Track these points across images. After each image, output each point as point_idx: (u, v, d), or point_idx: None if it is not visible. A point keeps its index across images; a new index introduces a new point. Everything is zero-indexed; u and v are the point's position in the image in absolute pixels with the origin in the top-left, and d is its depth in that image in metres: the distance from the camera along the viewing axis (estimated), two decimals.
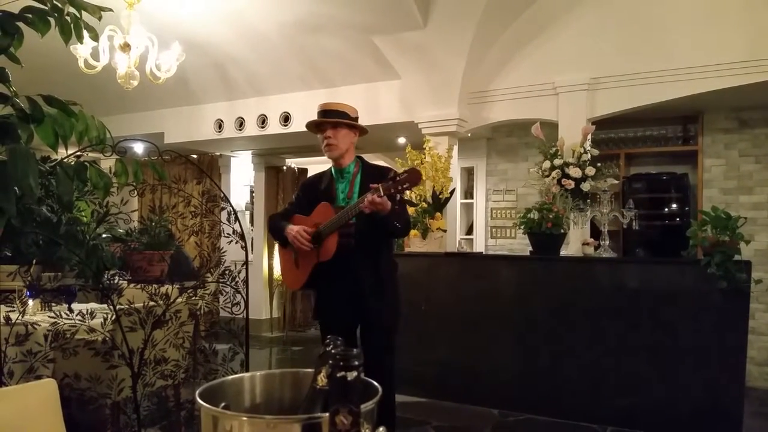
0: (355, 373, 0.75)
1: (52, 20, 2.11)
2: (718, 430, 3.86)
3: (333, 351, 0.91)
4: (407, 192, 3.23)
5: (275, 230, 3.11)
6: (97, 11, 2.28)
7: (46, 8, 2.09)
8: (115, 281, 2.81)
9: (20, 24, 2.06)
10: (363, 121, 3.14)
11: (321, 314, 3.12)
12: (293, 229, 2.95)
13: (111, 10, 2.45)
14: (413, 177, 2.67)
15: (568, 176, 4.66)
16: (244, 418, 0.88)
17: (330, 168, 3.14)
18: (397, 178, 2.66)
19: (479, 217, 7.04)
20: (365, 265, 2.96)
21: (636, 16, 4.91)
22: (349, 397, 0.74)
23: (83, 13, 2.21)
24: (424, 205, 5.06)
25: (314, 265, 2.96)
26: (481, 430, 4.18)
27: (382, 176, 2.77)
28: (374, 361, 2.95)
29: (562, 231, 4.58)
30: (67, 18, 2.15)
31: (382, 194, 2.63)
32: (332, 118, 2.98)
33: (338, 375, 0.75)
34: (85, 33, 2.31)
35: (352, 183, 3.03)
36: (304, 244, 2.91)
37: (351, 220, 2.83)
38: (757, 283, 3.90)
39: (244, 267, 2.99)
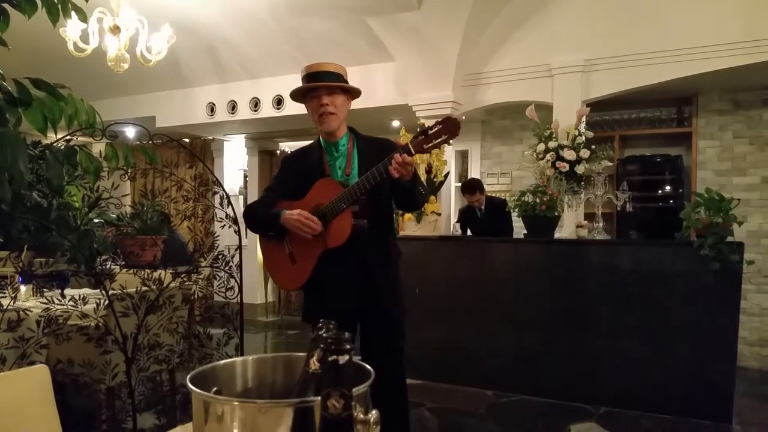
0: (346, 357, 0.74)
1: (38, 1, 2.08)
2: (710, 409, 3.90)
3: (325, 334, 0.90)
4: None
5: (261, 221, 2.53)
6: None
7: None
8: (108, 266, 2.80)
9: (6, 6, 2.02)
10: (357, 104, 2.73)
11: (319, 314, 2.65)
12: (293, 214, 2.37)
13: None
14: (450, 127, 2.17)
15: (562, 159, 4.65)
16: (236, 403, 0.87)
17: (317, 140, 2.60)
18: (430, 132, 2.18)
19: None
20: (375, 250, 2.50)
21: None
22: (341, 381, 0.74)
23: None
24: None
25: (320, 254, 2.43)
26: (476, 412, 4.21)
27: (383, 149, 2.37)
28: (383, 369, 2.66)
29: (557, 213, 4.58)
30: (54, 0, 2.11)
31: (413, 152, 2.17)
32: (327, 82, 2.44)
33: (330, 359, 0.74)
34: (74, 15, 2.27)
35: (349, 157, 2.52)
36: (311, 229, 2.35)
37: (364, 193, 2.34)
38: (749, 264, 3.92)
39: (238, 251, 2.98)
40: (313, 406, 0.83)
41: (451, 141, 2.26)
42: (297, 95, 2.52)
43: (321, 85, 2.43)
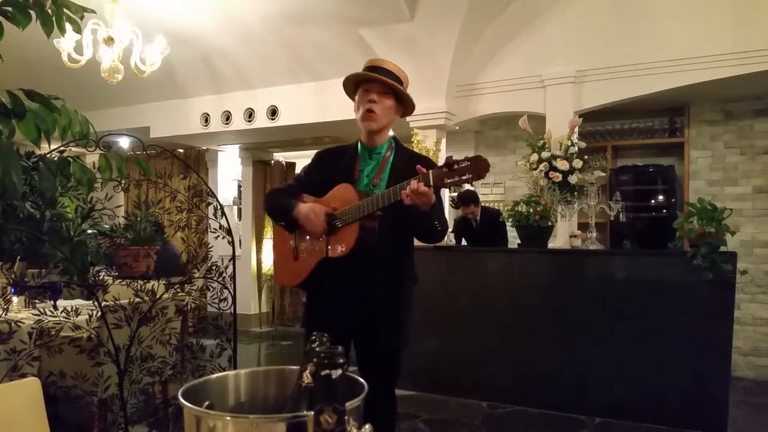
0: (339, 372, 0.75)
1: (33, 13, 2.08)
2: (705, 420, 3.90)
3: (318, 349, 0.90)
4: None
5: (279, 208, 2.43)
6: (80, 11, 2.24)
7: (27, 2, 2.05)
8: (101, 278, 2.78)
9: (0, 18, 2.02)
10: (349, 114, 2.61)
11: (315, 325, 2.42)
12: (306, 206, 2.29)
13: (94, 12, 2.40)
14: (478, 167, 1.96)
15: (555, 169, 4.67)
16: (228, 418, 0.86)
17: (356, 143, 2.49)
18: (456, 166, 1.98)
19: None
20: (385, 271, 2.36)
21: (622, 8, 4.91)
22: (334, 396, 0.74)
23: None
24: None
25: (320, 260, 2.34)
26: (471, 423, 4.20)
27: (420, 164, 2.13)
28: (374, 400, 2.45)
29: (550, 223, 4.60)
30: (49, 11, 2.11)
31: (431, 183, 2.03)
32: (384, 78, 2.33)
33: (323, 373, 0.74)
34: (68, 26, 2.28)
35: (382, 167, 2.41)
36: (317, 226, 2.26)
37: (378, 210, 2.20)
38: (742, 273, 3.94)
39: (232, 262, 2.97)
40: (306, 421, 0.83)
41: (473, 182, 2.11)
42: (350, 83, 2.43)
43: (377, 77, 2.33)
